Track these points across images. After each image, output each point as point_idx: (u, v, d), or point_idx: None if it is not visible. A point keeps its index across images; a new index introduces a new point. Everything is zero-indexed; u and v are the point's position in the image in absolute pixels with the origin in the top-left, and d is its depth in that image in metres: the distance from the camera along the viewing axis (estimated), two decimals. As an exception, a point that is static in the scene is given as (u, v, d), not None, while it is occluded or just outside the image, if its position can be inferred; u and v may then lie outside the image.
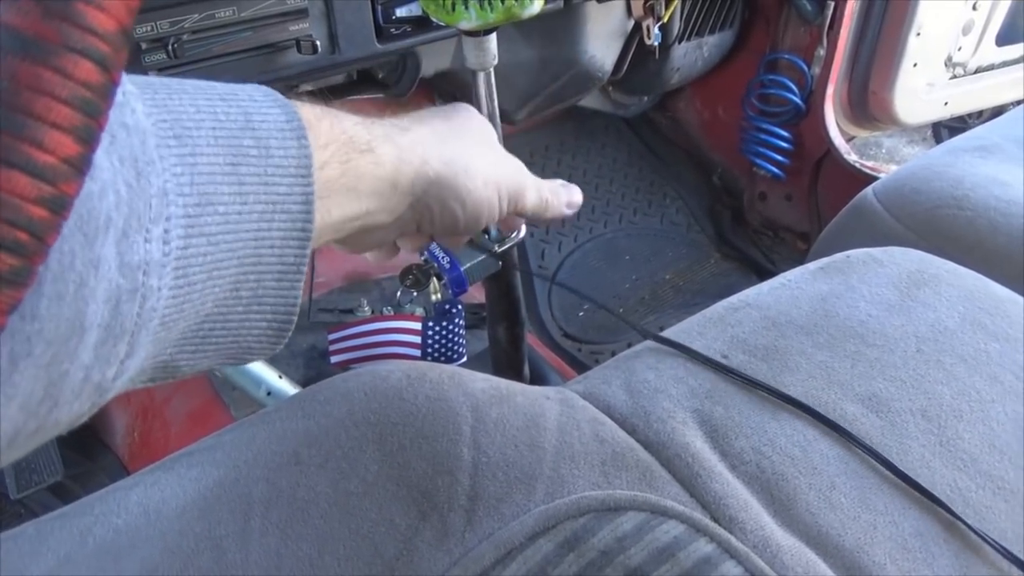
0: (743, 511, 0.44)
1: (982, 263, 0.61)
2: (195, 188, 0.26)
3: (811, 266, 0.61)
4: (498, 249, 0.76)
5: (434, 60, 1.11)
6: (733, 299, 0.60)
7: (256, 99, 0.31)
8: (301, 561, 0.42)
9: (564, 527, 0.42)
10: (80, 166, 0.18)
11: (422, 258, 0.82)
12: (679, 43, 1.32)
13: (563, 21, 1.16)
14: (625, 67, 1.33)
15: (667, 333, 0.57)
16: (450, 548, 0.42)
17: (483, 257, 0.76)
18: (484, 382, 0.51)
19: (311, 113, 0.33)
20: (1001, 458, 0.47)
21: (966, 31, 1.35)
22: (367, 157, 0.35)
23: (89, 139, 0.18)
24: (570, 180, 1.77)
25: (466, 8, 0.57)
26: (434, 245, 0.79)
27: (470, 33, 0.60)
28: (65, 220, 0.18)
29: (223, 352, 0.32)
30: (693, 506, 0.44)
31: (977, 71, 1.42)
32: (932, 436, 0.48)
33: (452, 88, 1.35)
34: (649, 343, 0.56)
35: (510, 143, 1.75)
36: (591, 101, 1.52)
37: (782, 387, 0.50)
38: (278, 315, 0.32)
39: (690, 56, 1.37)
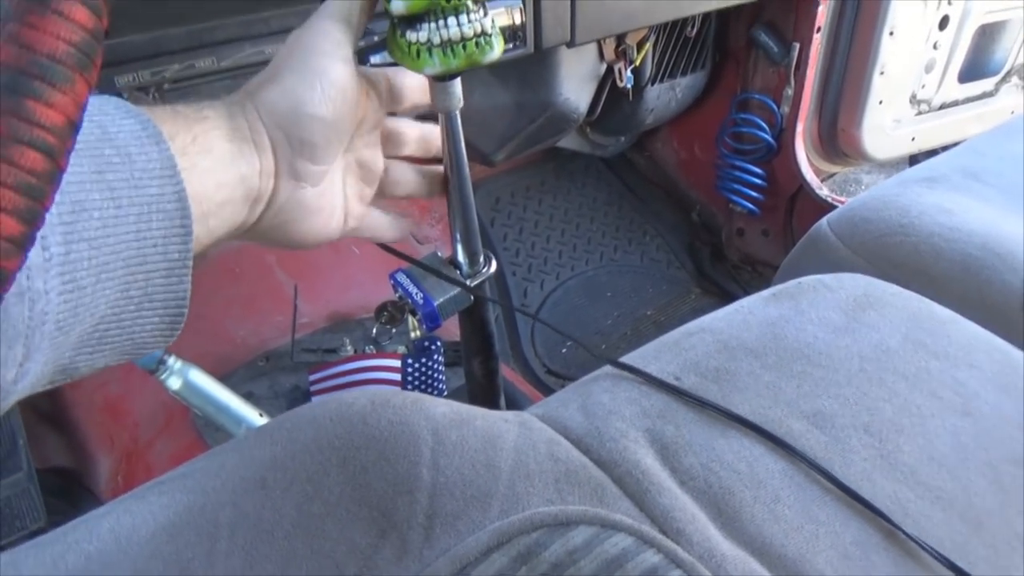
0: (690, 524, 0.45)
1: (927, 287, 0.64)
2: (66, 196, 0.29)
3: (764, 293, 0.64)
4: (470, 283, 0.79)
5: (410, 104, 1.15)
6: (690, 325, 0.62)
7: (108, 112, 0.33)
8: (264, 580, 0.43)
9: (517, 542, 0.44)
10: (23, 244, 0.20)
11: (397, 295, 0.85)
12: (652, 85, 1.37)
13: (537, 65, 1.21)
14: (600, 109, 1.38)
15: (626, 358, 0.59)
16: (408, 564, 0.44)
17: (456, 292, 0.79)
18: (446, 407, 0.53)
19: (159, 115, 0.35)
20: (939, 470, 0.49)
21: (928, 69, 1.40)
22: (201, 125, 0.38)
23: (33, 220, 0.20)
24: (552, 220, 1.78)
25: (430, 55, 0.60)
26: (408, 282, 0.81)
27: (435, 78, 0.63)
28: (5, 292, 0.20)
29: (118, 350, 0.34)
30: (642, 520, 0.46)
31: (942, 107, 1.47)
32: (874, 450, 0.50)
33: (431, 119, 1.40)
34: (607, 368, 0.58)
35: (491, 184, 1.79)
36: (570, 142, 1.56)
37: (731, 406, 0.52)
38: (169, 309, 0.34)
39: (663, 97, 1.41)
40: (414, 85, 0.50)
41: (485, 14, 0.50)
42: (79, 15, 0.19)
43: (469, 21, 0.54)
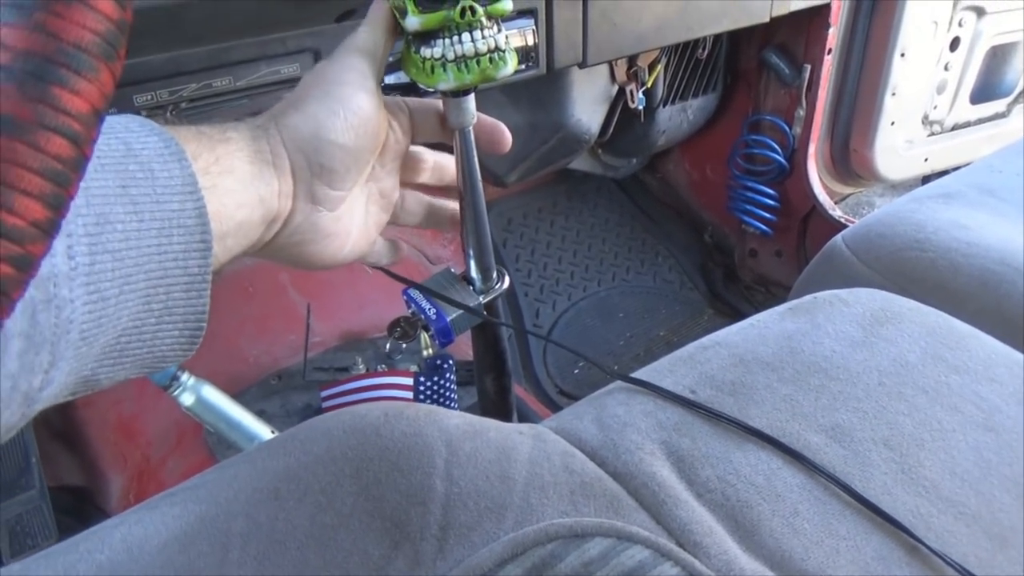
0: (708, 537, 0.45)
1: (944, 302, 0.63)
2: (91, 209, 0.29)
3: (780, 308, 0.64)
4: (483, 300, 0.79)
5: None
6: (704, 339, 0.62)
7: (133, 129, 0.33)
8: (276, 591, 0.43)
9: (532, 553, 0.43)
10: (48, 229, 0.19)
11: (410, 311, 0.85)
12: (663, 107, 1.38)
13: (549, 87, 1.22)
14: (611, 130, 1.38)
15: (640, 371, 0.59)
16: (421, 576, 0.43)
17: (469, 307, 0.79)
18: (459, 418, 0.52)
19: (184, 135, 0.36)
20: (962, 484, 0.48)
21: (940, 90, 1.40)
22: (224, 146, 0.38)
23: (58, 205, 0.19)
24: (564, 241, 1.78)
25: (444, 71, 0.61)
26: (420, 296, 0.81)
27: (449, 93, 0.64)
28: (31, 278, 0.19)
29: (139, 363, 0.34)
30: (659, 532, 0.45)
31: (954, 128, 1.47)
32: (894, 464, 0.49)
33: (444, 149, 1.41)
34: (622, 382, 0.58)
35: (503, 206, 1.80)
36: (582, 164, 1.57)
37: (748, 419, 0.52)
38: (188, 323, 0.35)
39: (675, 119, 1.42)
40: (436, 115, 0.51)
41: (499, 30, 0.50)
42: (104, 5, 0.20)
43: (483, 37, 0.55)
